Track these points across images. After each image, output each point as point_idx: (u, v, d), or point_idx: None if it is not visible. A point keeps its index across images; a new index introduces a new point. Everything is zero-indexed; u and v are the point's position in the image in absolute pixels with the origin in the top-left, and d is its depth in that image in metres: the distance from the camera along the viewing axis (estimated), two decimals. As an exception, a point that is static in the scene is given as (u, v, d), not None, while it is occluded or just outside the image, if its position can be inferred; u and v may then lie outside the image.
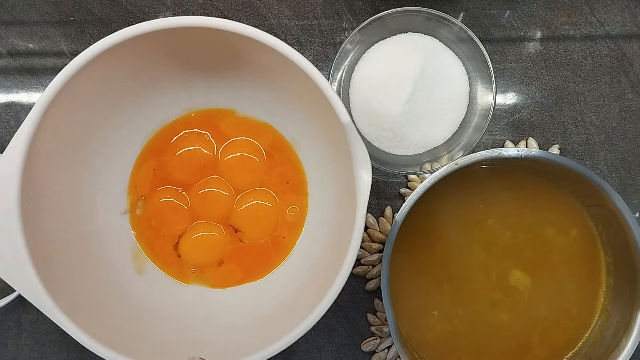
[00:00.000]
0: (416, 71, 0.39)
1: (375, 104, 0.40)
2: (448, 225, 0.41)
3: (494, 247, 0.40)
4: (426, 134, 0.41)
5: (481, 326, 0.40)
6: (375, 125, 0.40)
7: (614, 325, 0.39)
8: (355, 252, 0.31)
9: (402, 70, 0.39)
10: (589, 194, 0.39)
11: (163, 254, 0.40)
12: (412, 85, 0.39)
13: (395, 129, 0.40)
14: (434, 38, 0.41)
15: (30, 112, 0.31)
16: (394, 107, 0.39)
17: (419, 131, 0.40)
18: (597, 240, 0.41)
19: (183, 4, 0.44)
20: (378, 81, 0.40)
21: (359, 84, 0.41)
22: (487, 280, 0.40)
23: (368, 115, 0.41)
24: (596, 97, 0.44)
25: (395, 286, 0.39)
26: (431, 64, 0.40)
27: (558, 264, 0.40)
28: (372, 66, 0.41)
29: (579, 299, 0.40)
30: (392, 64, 0.40)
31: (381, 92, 0.40)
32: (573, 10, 0.44)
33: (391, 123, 0.40)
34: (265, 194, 0.41)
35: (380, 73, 0.40)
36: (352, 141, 0.31)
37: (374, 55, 0.41)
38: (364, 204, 0.31)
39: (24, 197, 0.31)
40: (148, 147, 0.40)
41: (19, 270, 0.31)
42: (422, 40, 0.41)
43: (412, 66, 0.39)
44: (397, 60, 0.40)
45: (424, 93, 0.40)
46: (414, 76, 0.39)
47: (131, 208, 0.40)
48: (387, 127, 0.40)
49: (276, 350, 0.31)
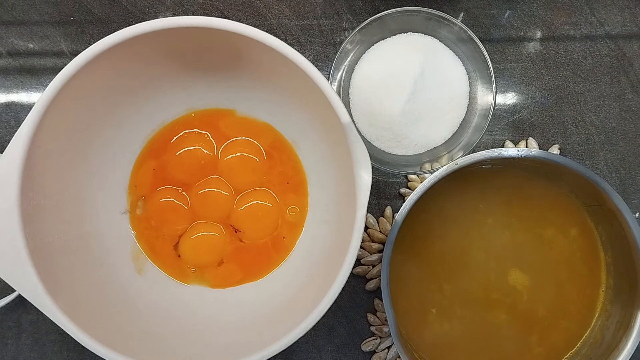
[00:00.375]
0: (416, 71, 0.39)
1: (375, 104, 0.40)
2: (448, 225, 0.41)
3: (493, 247, 0.40)
4: (426, 134, 0.41)
5: (480, 326, 0.40)
6: (375, 125, 0.40)
7: (614, 326, 0.39)
8: (356, 252, 0.31)
9: (402, 70, 0.39)
10: (589, 194, 0.39)
11: (163, 254, 0.40)
12: (412, 85, 0.39)
13: (395, 129, 0.40)
14: (434, 38, 0.41)
15: (30, 112, 0.31)
16: (394, 107, 0.39)
17: (419, 131, 0.40)
18: (597, 240, 0.41)
19: (183, 4, 0.44)
20: (378, 81, 0.40)
21: (359, 84, 0.41)
22: (486, 280, 0.40)
23: (368, 115, 0.41)
24: (596, 97, 0.44)
25: (395, 286, 0.39)
26: (431, 64, 0.40)
27: (558, 264, 0.40)
28: (372, 66, 0.41)
29: (579, 299, 0.40)
30: (392, 64, 0.40)
31: (381, 92, 0.40)
32: (573, 10, 0.44)
33: (391, 123, 0.40)
34: (265, 194, 0.41)
35: (380, 73, 0.40)
36: (352, 141, 0.31)
37: (374, 55, 0.41)
38: (364, 204, 0.31)
39: (24, 197, 0.31)
40: (148, 147, 0.40)
41: (19, 270, 0.31)
42: (422, 40, 0.41)
43: (412, 66, 0.39)
44: (397, 60, 0.40)
45: (424, 93, 0.40)
46: (414, 76, 0.39)
47: (131, 208, 0.40)
48: (387, 127, 0.40)
49: (276, 350, 0.31)
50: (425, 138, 0.41)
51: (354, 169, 0.32)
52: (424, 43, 0.41)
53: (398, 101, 0.39)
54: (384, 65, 0.40)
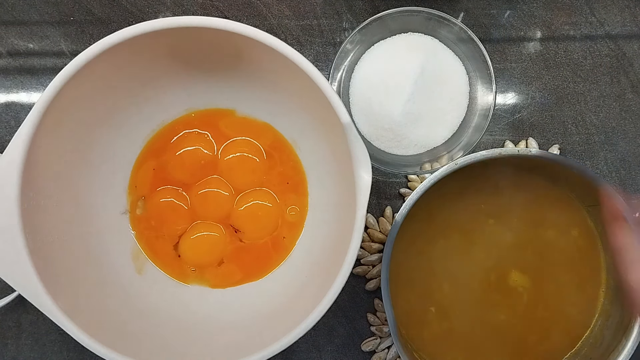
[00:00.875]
0: (416, 71, 0.39)
1: (375, 104, 0.40)
2: (448, 226, 0.41)
3: (493, 247, 0.40)
4: (426, 134, 0.41)
5: (479, 326, 0.40)
6: (375, 125, 0.40)
7: (614, 326, 0.39)
8: (355, 253, 0.31)
9: (402, 70, 0.39)
10: (589, 194, 0.39)
11: (163, 254, 0.40)
12: (412, 85, 0.39)
13: (395, 129, 0.40)
14: (434, 38, 0.41)
15: (31, 112, 0.31)
16: (393, 107, 0.39)
17: (418, 131, 0.40)
18: (597, 240, 0.41)
19: (183, 4, 0.44)
20: (378, 81, 0.40)
21: (358, 84, 0.41)
22: (486, 281, 0.40)
23: (368, 115, 0.41)
24: (596, 97, 0.44)
25: (396, 286, 0.39)
26: (431, 64, 0.40)
27: (558, 264, 0.40)
28: (371, 66, 0.41)
29: (579, 300, 0.40)
30: (392, 64, 0.40)
31: (381, 92, 0.40)
32: (573, 10, 0.44)
33: (391, 123, 0.40)
34: (265, 194, 0.41)
35: (380, 73, 0.40)
36: (352, 141, 0.31)
37: (373, 55, 0.41)
38: (364, 204, 0.31)
39: (24, 197, 0.31)
40: (148, 147, 0.40)
41: (19, 270, 0.31)
42: (422, 40, 0.41)
43: (412, 66, 0.39)
44: (397, 60, 0.40)
45: (423, 93, 0.40)
46: (413, 76, 0.39)
47: (131, 208, 0.40)
48: (387, 127, 0.40)
49: (276, 350, 0.31)
50: (425, 138, 0.41)
51: (354, 169, 0.32)
52: (424, 43, 0.41)
53: (398, 101, 0.39)
54: (384, 66, 0.40)
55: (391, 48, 0.41)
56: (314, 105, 0.35)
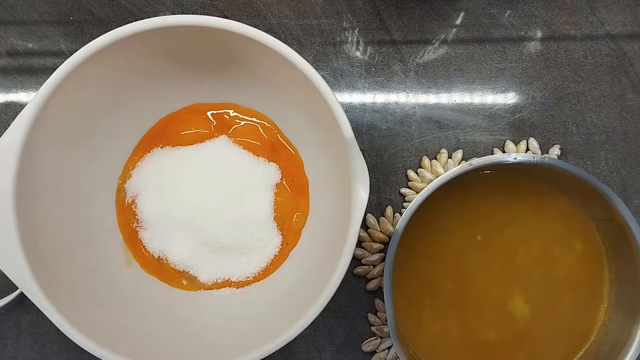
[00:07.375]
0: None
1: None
2: (451, 231, 0.40)
3: (499, 265, 0.40)
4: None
5: (470, 337, 0.39)
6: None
7: (611, 342, 0.38)
8: (345, 268, 0.31)
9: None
10: (599, 208, 0.38)
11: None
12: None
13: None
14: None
15: (34, 96, 0.31)
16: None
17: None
18: (602, 255, 0.40)
19: (182, 3, 0.44)
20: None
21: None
22: (486, 298, 0.39)
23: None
24: (597, 97, 0.43)
25: (396, 286, 0.39)
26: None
27: (561, 284, 0.39)
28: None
29: (578, 318, 0.40)
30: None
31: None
32: (573, 9, 0.44)
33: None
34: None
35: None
36: (353, 157, 0.31)
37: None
38: (358, 221, 0.31)
39: (20, 179, 0.31)
40: (146, 138, 0.40)
41: (9, 254, 0.31)
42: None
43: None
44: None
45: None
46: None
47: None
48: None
49: (272, 349, 0.31)
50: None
51: (351, 185, 0.31)
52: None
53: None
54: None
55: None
56: (316, 114, 0.35)
